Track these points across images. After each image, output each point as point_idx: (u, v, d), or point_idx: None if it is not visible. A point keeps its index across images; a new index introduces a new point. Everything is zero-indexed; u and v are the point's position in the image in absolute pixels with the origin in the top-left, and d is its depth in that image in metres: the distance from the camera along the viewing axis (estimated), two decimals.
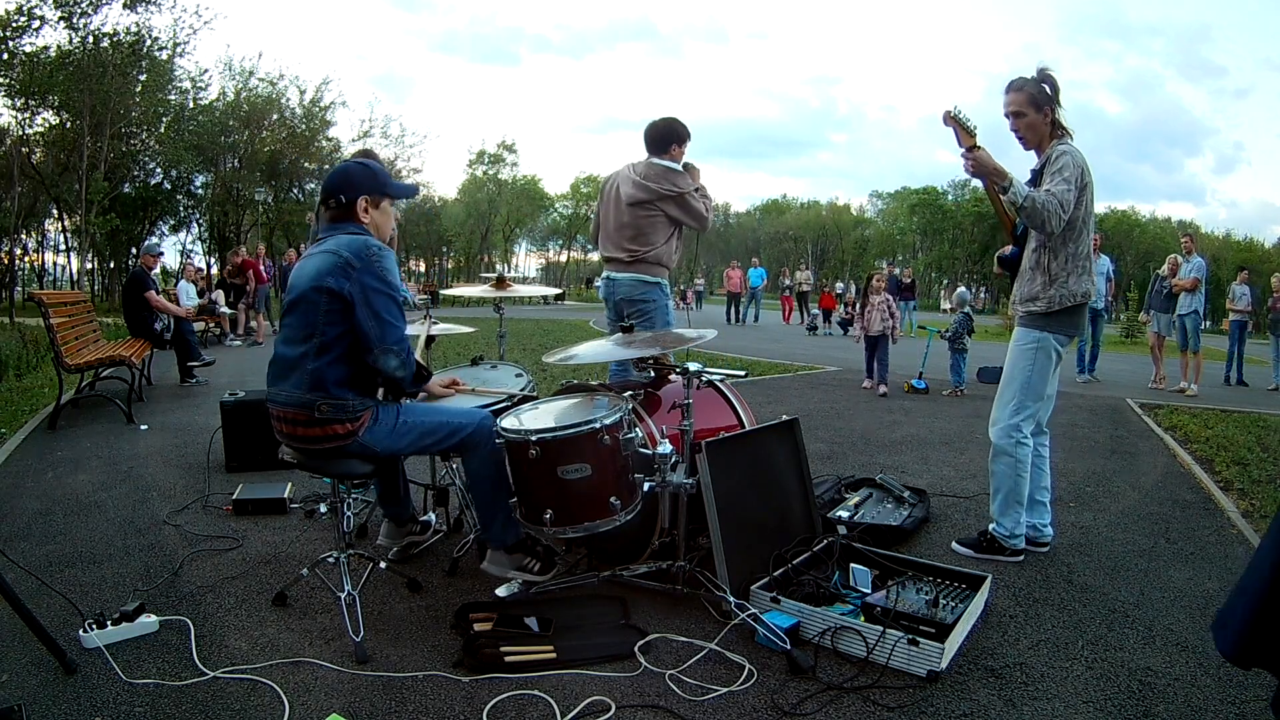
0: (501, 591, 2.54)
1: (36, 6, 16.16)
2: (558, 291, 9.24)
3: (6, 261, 19.56)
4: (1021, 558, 3.04)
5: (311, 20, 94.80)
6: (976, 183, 2.97)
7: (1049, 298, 2.93)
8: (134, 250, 22.21)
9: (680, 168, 3.81)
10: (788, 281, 23.13)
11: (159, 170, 24.67)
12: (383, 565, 2.65)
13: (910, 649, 2.14)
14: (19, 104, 17.77)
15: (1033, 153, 3.00)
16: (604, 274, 3.99)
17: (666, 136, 3.81)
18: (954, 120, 2.86)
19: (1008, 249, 3.22)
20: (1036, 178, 2.94)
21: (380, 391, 2.51)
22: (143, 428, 5.16)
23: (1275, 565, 1.34)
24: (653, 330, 3.71)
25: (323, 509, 2.67)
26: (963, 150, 2.86)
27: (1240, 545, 3.34)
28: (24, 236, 25.16)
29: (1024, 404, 3.00)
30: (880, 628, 2.20)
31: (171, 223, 27.40)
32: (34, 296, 6.76)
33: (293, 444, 2.38)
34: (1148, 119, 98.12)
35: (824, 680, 2.12)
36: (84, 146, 17.72)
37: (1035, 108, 2.90)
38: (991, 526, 3.09)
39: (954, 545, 3.16)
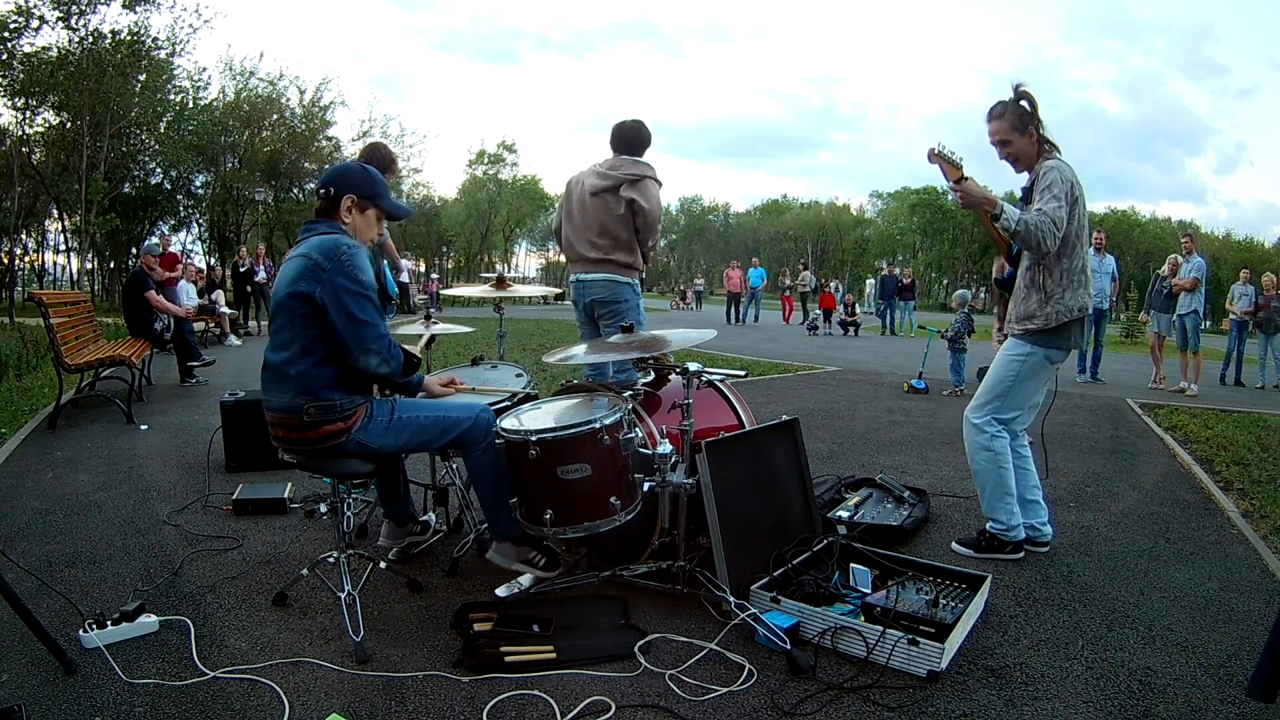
0: (501, 591, 2.54)
1: (35, 6, 16.17)
2: (558, 291, 9.23)
3: (6, 261, 19.55)
4: (1021, 554, 3.05)
5: (310, 19, 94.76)
6: None
7: (1046, 314, 2.91)
8: (134, 250, 22.22)
9: (649, 162, 3.72)
10: (788, 281, 23.13)
11: (159, 170, 24.68)
12: (383, 565, 2.65)
13: (910, 649, 2.14)
14: (19, 104, 17.77)
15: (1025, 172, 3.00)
16: (572, 277, 3.87)
17: (640, 140, 3.72)
18: (939, 157, 2.85)
19: (1005, 270, 3.21)
20: (1027, 195, 2.94)
21: (376, 389, 2.51)
22: (143, 428, 5.16)
23: None
24: None
25: (323, 509, 2.67)
26: (950, 184, 2.86)
27: (1240, 545, 3.34)
28: (24, 236, 25.17)
29: (1000, 410, 3.02)
30: (880, 628, 2.20)
31: (172, 223, 27.40)
32: (34, 296, 6.76)
33: (289, 447, 2.37)
34: (1149, 118, 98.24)
35: (824, 680, 2.12)
36: (84, 146, 17.71)
37: (1019, 132, 2.88)
38: (988, 524, 3.09)
39: (954, 545, 3.16)
